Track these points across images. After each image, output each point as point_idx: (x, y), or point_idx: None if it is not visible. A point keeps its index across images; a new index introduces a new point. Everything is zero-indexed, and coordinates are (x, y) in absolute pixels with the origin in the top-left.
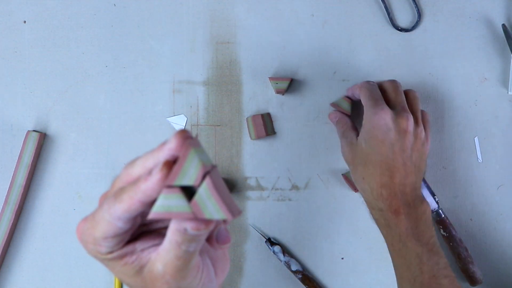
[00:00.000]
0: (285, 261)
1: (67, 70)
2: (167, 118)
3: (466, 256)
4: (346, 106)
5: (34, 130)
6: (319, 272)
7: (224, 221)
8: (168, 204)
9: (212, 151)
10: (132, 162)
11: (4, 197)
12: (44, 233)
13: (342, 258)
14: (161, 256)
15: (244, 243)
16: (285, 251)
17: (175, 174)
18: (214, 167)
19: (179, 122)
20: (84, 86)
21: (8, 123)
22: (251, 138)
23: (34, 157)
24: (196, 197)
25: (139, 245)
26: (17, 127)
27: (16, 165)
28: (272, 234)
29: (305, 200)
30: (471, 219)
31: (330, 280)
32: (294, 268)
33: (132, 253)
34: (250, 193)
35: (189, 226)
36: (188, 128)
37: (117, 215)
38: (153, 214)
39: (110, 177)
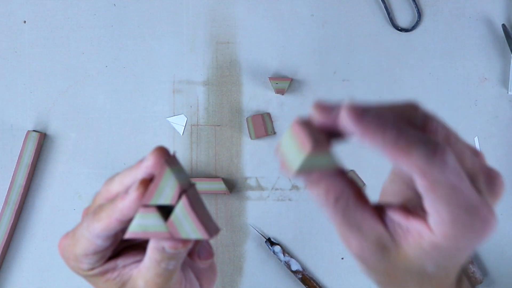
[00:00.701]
0: (285, 261)
1: (67, 70)
2: (167, 118)
3: None
4: (326, 160)
5: (34, 130)
6: (319, 272)
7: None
8: (144, 223)
9: (212, 151)
10: (112, 178)
11: (4, 197)
12: (44, 233)
13: (342, 258)
14: (142, 273)
15: (244, 243)
16: (285, 251)
17: (151, 193)
18: (192, 185)
19: (179, 122)
20: (84, 86)
21: (8, 123)
22: (251, 138)
23: (34, 157)
24: (172, 217)
25: (120, 262)
26: (17, 127)
27: (16, 165)
28: (272, 234)
29: (305, 200)
30: None
31: (330, 280)
32: (294, 268)
33: (113, 269)
34: (250, 193)
35: (167, 245)
36: (188, 128)
37: (95, 233)
38: (129, 233)
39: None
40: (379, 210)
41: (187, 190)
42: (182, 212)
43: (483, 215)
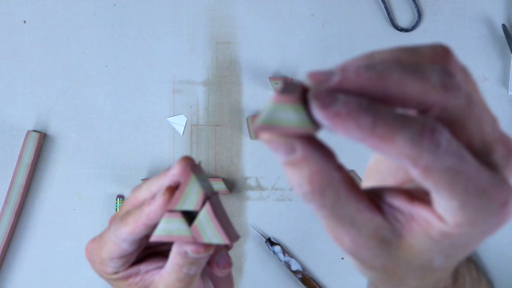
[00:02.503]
0: (285, 261)
1: (67, 70)
2: (167, 118)
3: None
4: (297, 117)
5: (34, 130)
6: (319, 272)
7: (226, 246)
8: (169, 227)
9: (212, 151)
10: (139, 186)
11: (4, 197)
12: (44, 233)
13: (342, 258)
14: (163, 278)
15: (244, 243)
16: (285, 251)
17: (177, 199)
18: (215, 193)
19: (179, 122)
20: (84, 86)
21: (8, 123)
22: (251, 138)
23: (34, 157)
24: (196, 222)
25: (143, 267)
26: (17, 127)
27: (16, 165)
28: (272, 234)
29: None
30: None
31: (330, 280)
32: (294, 268)
33: (136, 274)
34: (250, 193)
35: (189, 249)
36: (188, 128)
37: (122, 237)
38: (154, 237)
39: (110, 177)
40: (374, 196)
41: (211, 197)
42: (205, 218)
43: (500, 197)
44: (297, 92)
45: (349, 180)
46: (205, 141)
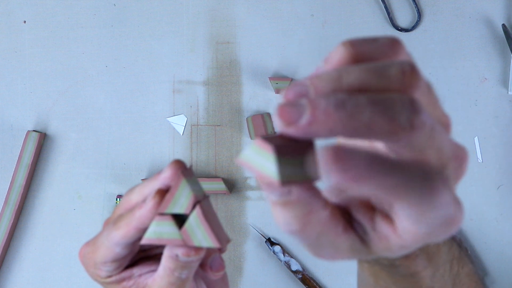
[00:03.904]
0: (285, 261)
1: (67, 70)
2: (167, 118)
3: (466, 256)
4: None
5: (34, 130)
6: (319, 272)
7: (219, 249)
8: (159, 230)
9: (212, 151)
10: (131, 190)
11: (4, 197)
12: (44, 233)
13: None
14: (156, 282)
15: (244, 243)
16: (285, 251)
17: (167, 202)
18: (206, 197)
19: (179, 122)
20: (84, 86)
21: (8, 123)
22: (251, 138)
23: (34, 157)
24: (186, 225)
25: (136, 271)
26: (17, 127)
27: (16, 165)
28: (272, 234)
29: None
30: (471, 219)
31: (330, 280)
32: (294, 268)
33: (129, 278)
34: (250, 193)
35: (180, 252)
36: (188, 128)
37: (115, 241)
38: (145, 240)
39: (110, 177)
40: (346, 214)
41: (201, 201)
42: (196, 221)
43: (456, 220)
44: (305, 145)
45: (332, 212)
46: (205, 141)
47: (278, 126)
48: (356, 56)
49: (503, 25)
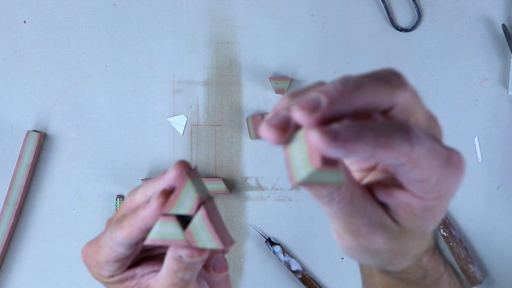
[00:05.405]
0: (285, 261)
1: (67, 70)
2: (167, 118)
3: (466, 256)
4: (333, 176)
5: (34, 130)
6: (319, 272)
7: (222, 251)
8: (163, 231)
9: (212, 151)
10: (135, 190)
11: (4, 197)
12: (44, 233)
13: (342, 258)
14: (159, 282)
15: (244, 243)
16: (285, 251)
17: (172, 203)
18: (210, 198)
19: (179, 122)
20: (84, 86)
21: (8, 123)
22: (251, 138)
23: (34, 157)
24: (190, 226)
25: (139, 271)
26: (17, 127)
27: (16, 165)
28: (272, 234)
29: (305, 200)
30: (471, 219)
31: (330, 280)
32: (294, 268)
33: (132, 278)
34: (250, 193)
35: (184, 253)
36: (188, 128)
37: (118, 241)
38: (149, 240)
39: (110, 177)
40: (371, 192)
41: (206, 202)
42: (200, 222)
43: (456, 160)
44: (337, 162)
45: (354, 179)
46: (205, 141)
47: (301, 118)
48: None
49: (503, 25)
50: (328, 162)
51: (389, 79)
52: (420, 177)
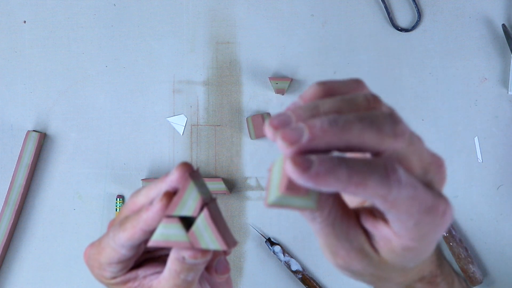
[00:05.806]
0: (285, 261)
1: (67, 70)
2: (167, 118)
3: (466, 256)
4: (303, 202)
5: (34, 130)
6: (319, 272)
7: (224, 252)
8: (167, 233)
9: (212, 151)
10: (138, 192)
11: (4, 197)
12: (44, 233)
13: None
14: (161, 284)
15: (244, 243)
16: (285, 251)
17: (175, 205)
18: (213, 199)
19: (179, 122)
20: (84, 86)
21: (8, 123)
22: (251, 138)
23: (34, 157)
24: (194, 228)
25: (141, 272)
26: (17, 127)
27: (16, 165)
28: (272, 234)
29: None
30: (471, 219)
31: (330, 280)
32: (294, 268)
33: (134, 279)
34: (250, 193)
35: (187, 254)
36: (188, 128)
37: (121, 242)
38: (152, 242)
39: (110, 177)
40: (357, 216)
41: (209, 203)
42: (203, 223)
43: (441, 210)
44: (306, 188)
45: (343, 203)
46: (205, 141)
47: (281, 147)
48: (327, 91)
49: (503, 25)
50: (295, 189)
51: (383, 126)
52: (396, 218)
